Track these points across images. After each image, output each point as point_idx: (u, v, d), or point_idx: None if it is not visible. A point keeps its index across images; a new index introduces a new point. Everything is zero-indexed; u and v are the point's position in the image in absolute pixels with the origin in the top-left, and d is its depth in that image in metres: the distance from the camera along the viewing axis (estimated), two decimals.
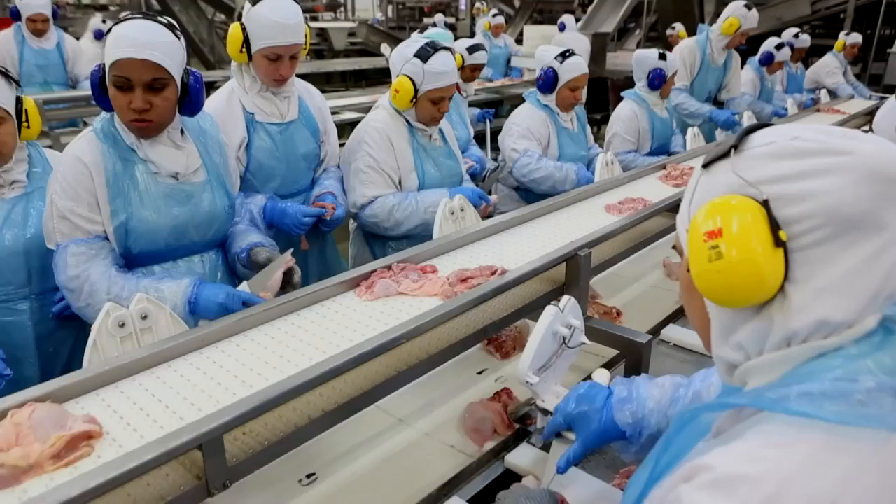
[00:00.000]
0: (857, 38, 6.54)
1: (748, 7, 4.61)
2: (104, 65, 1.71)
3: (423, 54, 2.37)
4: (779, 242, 0.70)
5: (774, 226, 0.70)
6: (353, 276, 1.68)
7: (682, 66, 4.72)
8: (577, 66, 3.20)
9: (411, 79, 2.37)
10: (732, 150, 0.77)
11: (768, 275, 0.70)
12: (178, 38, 1.73)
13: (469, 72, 4.08)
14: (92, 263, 1.72)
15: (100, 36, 7.23)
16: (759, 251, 0.69)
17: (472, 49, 4.00)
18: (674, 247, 0.89)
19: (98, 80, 1.73)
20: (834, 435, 0.64)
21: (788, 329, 0.72)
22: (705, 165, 0.80)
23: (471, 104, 6.70)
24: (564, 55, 3.19)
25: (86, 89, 5.12)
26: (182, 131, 1.86)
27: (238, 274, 2.02)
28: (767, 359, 0.75)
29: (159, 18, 1.71)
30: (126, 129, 1.77)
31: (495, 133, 4.56)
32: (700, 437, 0.79)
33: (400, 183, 2.51)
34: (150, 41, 1.65)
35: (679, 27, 8.37)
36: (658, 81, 3.63)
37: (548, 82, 3.20)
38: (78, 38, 6.23)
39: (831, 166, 0.69)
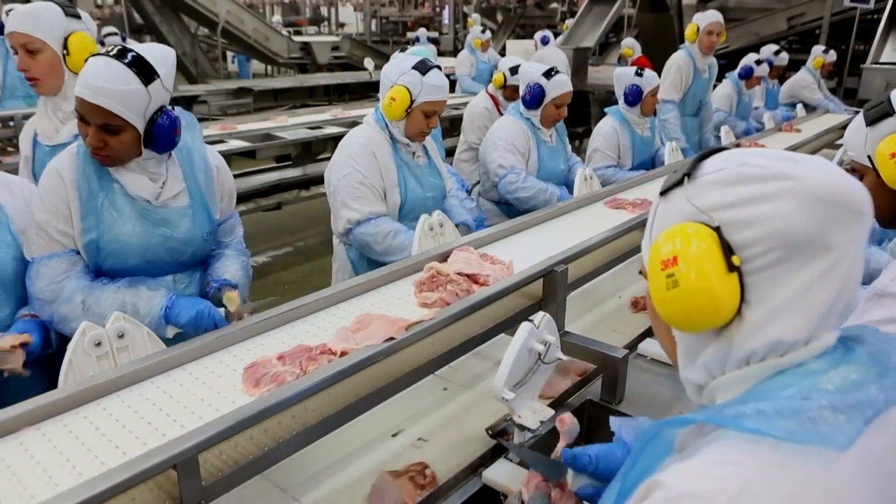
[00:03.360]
0: (832, 55, 6.68)
1: (699, 9, 4.75)
2: None
3: (422, 68, 2.43)
4: (732, 268, 0.72)
5: (727, 251, 0.73)
6: None
7: (678, 78, 4.78)
8: (564, 84, 3.25)
9: (408, 89, 2.40)
10: (686, 178, 0.79)
11: (723, 301, 0.72)
12: (148, 83, 1.66)
13: (511, 91, 4.11)
14: (67, 277, 1.72)
15: None
16: (714, 278, 0.72)
17: (515, 70, 3.99)
18: (640, 272, 0.91)
19: None
20: (783, 452, 0.66)
21: (746, 349, 0.75)
22: (662, 193, 0.83)
23: (454, 119, 6.76)
24: (550, 72, 3.23)
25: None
26: (169, 155, 1.84)
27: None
28: (730, 377, 0.77)
29: (132, 56, 1.65)
30: None
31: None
32: (665, 453, 0.81)
33: (384, 198, 2.50)
34: (104, 87, 1.61)
35: (630, 42, 8.55)
36: (633, 97, 3.67)
37: (535, 98, 3.23)
38: None
39: (777, 191, 0.72)
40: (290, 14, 21.17)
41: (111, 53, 1.66)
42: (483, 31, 8.16)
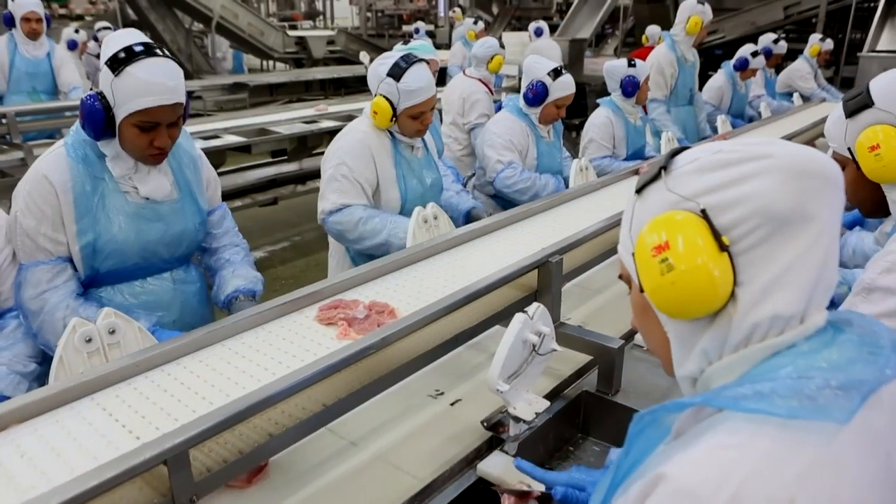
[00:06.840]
0: (829, 43, 6.65)
1: (701, 2, 4.80)
2: (102, 96, 1.63)
3: (396, 73, 2.33)
4: (723, 247, 0.73)
5: (716, 232, 0.73)
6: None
7: (661, 78, 4.78)
8: (568, 86, 3.19)
9: (388, 99, 2.34)
10: (663, 172, 0.80)
11: (719, 279, 0.73)
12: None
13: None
14: (51, 288, 1.69)
15: (73, 46, 7.16)
16: (707, 257, 0.72)
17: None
18: (620, 276, 0.91)
19: (98, 111, 1.62)
20: (787, 430, 0.66)
21: (746, 327, 0.74)
22: (638, 191, 0.83)
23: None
24: (557, 72, 3.17)
25: (69, 100, 5.04)
26: None
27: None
28: (726, 361, 0.77)
29: (156, 47, 1.65)
30: (118, 158, 1.73)
31: None
32: (660, 438, 0.80)
33: (375, 195, 2.47)
34: (177, 84, 1.66)
35: (655, 28, 8.50)
36: (631, 88, 3.66)
37: (538, 97, 3.17)
38: None
39: (756, 170, 0.73)
40: (286, 8, 21.10)
41: (143, 54, 1.61)
42: (475, 23, 8.17)
